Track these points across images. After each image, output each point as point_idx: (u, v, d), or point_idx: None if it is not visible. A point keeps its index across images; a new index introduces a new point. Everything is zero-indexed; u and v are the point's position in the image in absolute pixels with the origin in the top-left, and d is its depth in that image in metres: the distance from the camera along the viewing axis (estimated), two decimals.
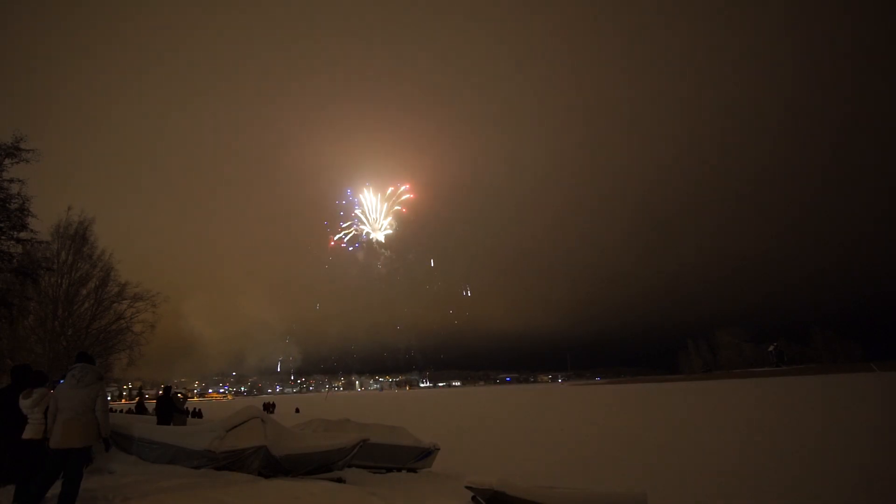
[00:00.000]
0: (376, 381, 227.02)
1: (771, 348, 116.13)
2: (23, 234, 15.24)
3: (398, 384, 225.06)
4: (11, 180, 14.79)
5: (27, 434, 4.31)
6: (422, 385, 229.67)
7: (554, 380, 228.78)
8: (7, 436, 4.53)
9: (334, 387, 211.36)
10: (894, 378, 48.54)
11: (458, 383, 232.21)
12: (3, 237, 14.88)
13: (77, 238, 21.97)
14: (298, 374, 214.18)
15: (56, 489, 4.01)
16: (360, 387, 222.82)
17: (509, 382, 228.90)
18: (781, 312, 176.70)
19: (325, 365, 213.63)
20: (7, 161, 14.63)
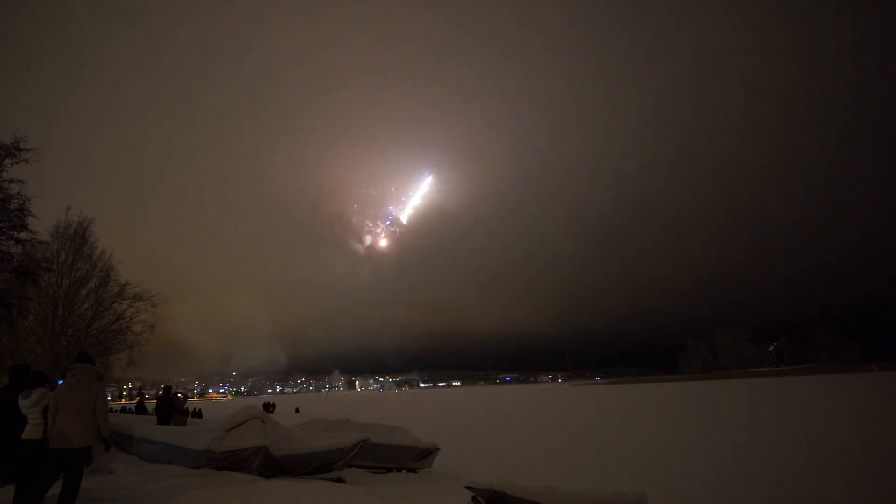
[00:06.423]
0: (376, 381, 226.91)
1: (771, 348, 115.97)
2: (23, 235, 15.22)
3: (398, 384, 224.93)
4: (11, 180, 14.79)
5: (26, 434, 4.31)
6: (422, 385, 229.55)
7: (554, 380, 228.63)
8: (7, 436, 4.52)
9: (334, 387, 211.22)
10: (894, 378, 48.53)
11: (457, 383, 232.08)
12: (3, 237, 14.87)
13: (77, 238, 21.96)
14: (298, 374, 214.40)
15: (56, 489, 4.01)
16: (361, 387, 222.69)
17: (509, 382, 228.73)
18: (781, 312, 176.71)
19: (325, 365, 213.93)
20: (7, 161, 14.62)
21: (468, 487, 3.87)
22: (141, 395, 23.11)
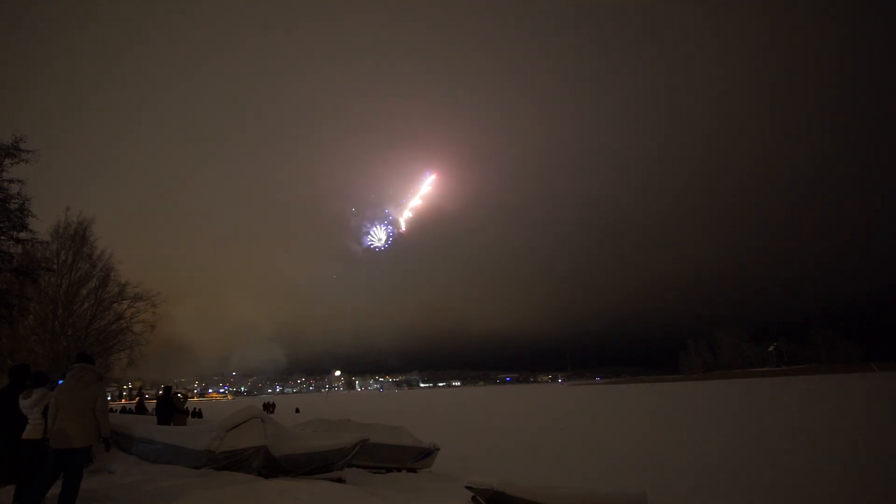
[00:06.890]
0: (376, 381, 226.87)
1: (771, 348, 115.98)
2: (22, 235, 15.23)
3: (398, 384, 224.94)
4: (11, 180, 14.79)
5: (27, 434, 4.31)
6: (421, 385, 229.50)
7: (554, 380, 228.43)
8: (7, 436, 4.52)
9: (334, 387, 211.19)
10: (894, 378, 48.53)
11: (457, 383, 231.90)
12: (3, 237, 14.87)
13: (77, 238, 21.95)
14: (298, 374, 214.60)
15: (56, 489, 4.01)
16: (360, 387, 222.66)
17: (509, 382, 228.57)
18: (781, 312, 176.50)
19: (325, 365, 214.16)
20: (7, 161, 14.62)
21: (468, 487, 3.87)
22: (141, 395, 23.12)
